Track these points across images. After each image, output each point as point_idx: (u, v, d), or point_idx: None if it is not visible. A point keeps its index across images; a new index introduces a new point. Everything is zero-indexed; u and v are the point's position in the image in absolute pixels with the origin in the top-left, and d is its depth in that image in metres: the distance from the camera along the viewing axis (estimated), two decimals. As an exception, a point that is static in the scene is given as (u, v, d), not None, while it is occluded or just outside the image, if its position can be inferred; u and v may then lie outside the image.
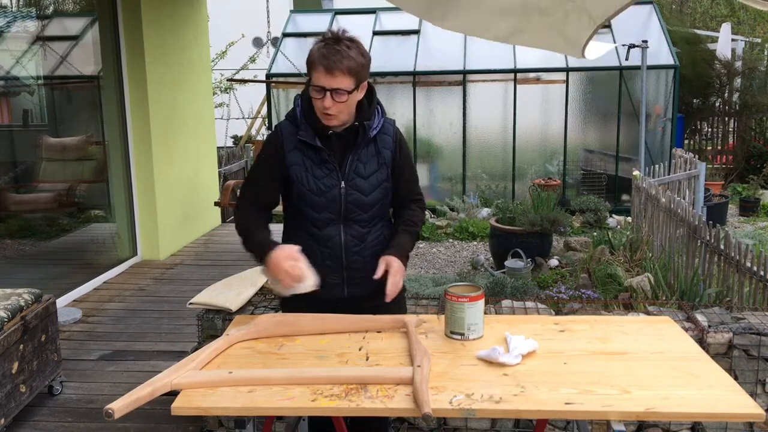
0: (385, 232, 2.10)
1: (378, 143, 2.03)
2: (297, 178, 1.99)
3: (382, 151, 2.03)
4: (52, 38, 5.02)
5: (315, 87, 1.89)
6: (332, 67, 1.85)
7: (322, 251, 2.02)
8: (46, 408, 3.07)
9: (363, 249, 2.04)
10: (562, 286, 4.44)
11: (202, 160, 6.73)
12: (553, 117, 8.02)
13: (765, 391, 2.61)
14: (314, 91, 1.90)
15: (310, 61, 1.90)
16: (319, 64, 1.86)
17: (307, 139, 1.97)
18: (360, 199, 2.01)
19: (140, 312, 4.38)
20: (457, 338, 1.88)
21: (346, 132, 1.99)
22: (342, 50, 1.86)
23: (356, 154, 2.00)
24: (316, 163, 1.99)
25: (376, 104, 2.05)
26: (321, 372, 1.66)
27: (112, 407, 1.48)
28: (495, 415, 2.04)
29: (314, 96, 1.91)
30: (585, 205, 7.40)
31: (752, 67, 10.95)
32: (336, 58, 1.85)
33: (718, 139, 10.80)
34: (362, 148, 2.01)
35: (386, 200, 2.08)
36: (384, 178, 2.04)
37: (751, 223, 7.64)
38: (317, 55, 1.87)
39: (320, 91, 1.88)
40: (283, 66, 8.06)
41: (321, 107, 1.91)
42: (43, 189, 4.93)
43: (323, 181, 1.98)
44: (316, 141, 1.97)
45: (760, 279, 3.57)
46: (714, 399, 1.54)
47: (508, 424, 2.69)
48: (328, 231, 2.01)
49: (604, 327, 1.99)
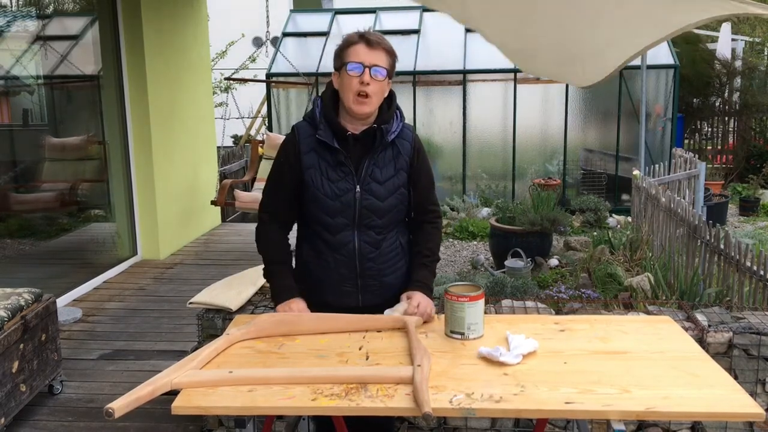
0: (401, 239, 2.08)
1: (396, 148, 2.00)
2: (312, 181, 1.97)
3: (399, 156, 2.00)
4: (52, 38, 5.02)
5: (354, 63, 1.89)
6: (373, 43, 1.89)
7: (336, 258, 2.00)
8: (46, 407, 3.07)
9: (378, 256, 2.02)
10: (562, 286, 4.44)
11: (201, 159, 6.73)
12: (553, 117, 8.02)
13: (765, 390, 2.62)
14: (352, 69, 1.89)
15: (346, 43, 1.93)
16: (359, 40, 1.90)
17: (325, 139, 1.94)
18: (375, 205, 1.98)
19: (140, 311, 4.38)
20: (457, 338, 1.88)
21: (364, 135, 1.96)
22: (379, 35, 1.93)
23: (373, 158, 1.97)
24: (331, 166, 1.96)
25: (395, 108, 2.02)
26: (321, 371, 1.66)
27: (112, 407, 1.48)
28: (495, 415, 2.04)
29: (351, 74, 1.89)
30: (585, 204, 7.40)
31: (752, 67, 10.96)
32: (376, 37, 1.92)
33: (718, 139, 10.80)
34: (380, 152, 1.98)
35: (402, 206, 2.04)
36: (401, 184, 2.01)
37: (751, 223, 7.64)
38: (355, 35, 1.92)
39: (358, 67, 1.88)
40: (282, 66, 8.04)
41: (357, 87, 1.89)
42: (43, 188, 4.93)
43: (338, 185, 1.96)
44: (334, 142, 1.94)
45: (760, 278, 3.57)
46: (714, 398, 1.54)
47: (508, 423, 2.69)
48: (342, 237, 1.99)
49: (604, 326, 1.99)
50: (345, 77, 1.91)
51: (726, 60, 10.68)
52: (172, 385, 1.61)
